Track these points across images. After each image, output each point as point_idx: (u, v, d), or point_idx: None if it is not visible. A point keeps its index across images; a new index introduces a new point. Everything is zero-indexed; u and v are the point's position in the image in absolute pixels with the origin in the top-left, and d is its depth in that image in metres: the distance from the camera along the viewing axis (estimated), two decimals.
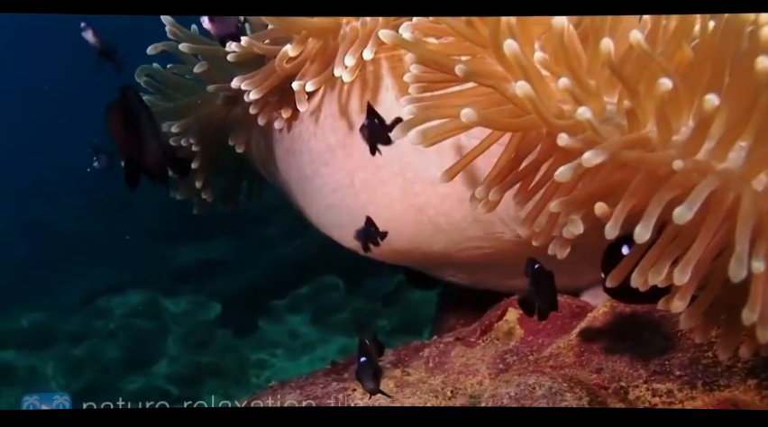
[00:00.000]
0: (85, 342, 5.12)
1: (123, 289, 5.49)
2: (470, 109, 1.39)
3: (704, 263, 1.31)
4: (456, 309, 2.32)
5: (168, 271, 5.88)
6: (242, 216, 4.03)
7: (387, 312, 5.05)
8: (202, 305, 5.35)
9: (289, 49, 1.86)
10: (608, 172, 1.36)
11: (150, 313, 5.26)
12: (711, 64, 1.36)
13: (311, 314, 5.15)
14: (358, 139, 1.87)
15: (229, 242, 5.91)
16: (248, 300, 5.21)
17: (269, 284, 5.30)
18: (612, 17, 1.45)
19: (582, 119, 1.30)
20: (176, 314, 5.30)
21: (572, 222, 1.37)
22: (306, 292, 5.19)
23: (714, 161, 1.32)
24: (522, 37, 1.49)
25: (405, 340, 4.66)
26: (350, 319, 5.03)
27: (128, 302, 5.39)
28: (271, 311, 5.18)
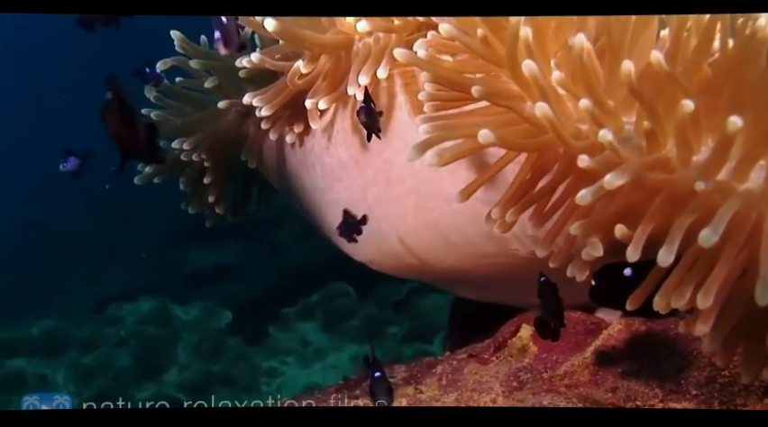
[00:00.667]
0: (96, 350, 5.12)
1: (133, 296, 5.48)
2: (487, 130, 1.37)
3: (727, 285, 1.29)
4: (469, 324, 2.30)
5: (178, 277, 5.88)
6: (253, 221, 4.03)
7: (398, 319, 5.04)
8: (213, 313, 5.34)
9: (301, 65, 1.85)
10: (627, 193, 1.34)
11: (160, 320, 5.25)
12: (730, 83, 1.34)
13: (322, 322, 5.13)
14: (371, 155, 1.87)
15: (240, 248, 5.91)
16: (259, 307, 5.20)
17: (279, 291, 5.29)
18: (631, 34, 1.43)
19: (605, 141, 1.28)
20: (186, 322, 5.29)
21: (592, 245, 1.35)
22: (316, 299, 5.18)
23: (735, 182, 1.30)
24: (539, 55, 1.47)
25: (416, 348, 4.69)
26: (361, 326, 5.02)
27: (139, 309, 5.39)
28: (282, 318, 5.16)
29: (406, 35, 1.77)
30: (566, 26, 1.52)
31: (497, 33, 1.50)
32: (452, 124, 1.52)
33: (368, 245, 2.01)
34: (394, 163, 1.86)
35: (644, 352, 1.71)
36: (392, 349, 4.82)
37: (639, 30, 1.46)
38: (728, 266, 1.28)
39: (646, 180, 1.30)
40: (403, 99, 1.83)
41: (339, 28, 1.84)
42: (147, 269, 5.87)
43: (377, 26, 1.77)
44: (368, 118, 1.72)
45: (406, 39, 1.78)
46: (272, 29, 1.80)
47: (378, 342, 4.89)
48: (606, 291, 1.47)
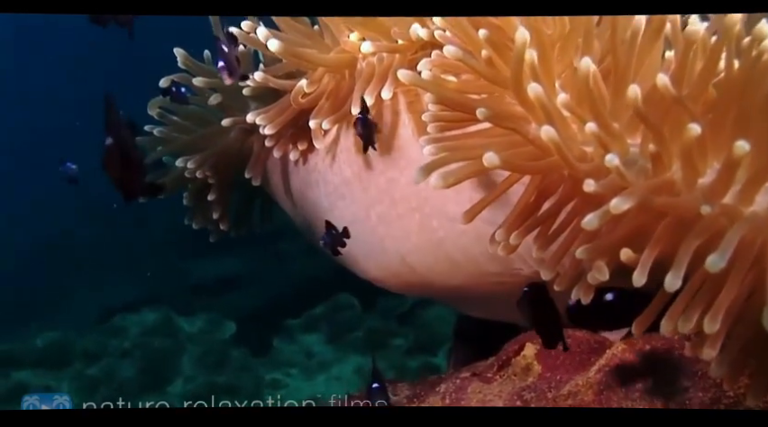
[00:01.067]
0: (100, 361, 5.11)
1: (138, 307, 5.48)
2: (492, 153, 1.37)
3: (734, 309, 1.29)
4: (473, 340, 2.29)
5: (183, 288, 5.87)
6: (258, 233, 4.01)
7: (402, 331, 5.02)
8: (217, 324, 5.33)
9: (304, 85, 1.85)
10: (633, 216, 1.33)
11: (165, 331, 5.25)
12: (736, 104, 1.34)
13: (326, 333, 5.12)
14: (375, 173, 1.87)
15: (244, 259, 5.90)
16: (263, 319, 5.20)
17: (283, 302, 5.29)
18: (636, 55, 1.42)
19: (611, 166, 1.28)
20: (191, 334, 5.28)
21: (598, 269, 1.34)
22: (321, 311, 5.17)
23: (741, 205, 1.29)
24: (543, 77, 1.47)
25: (420, 361, 4.67)
26: (365, 338, 5.01)
27: (143, 320, 5.38)
28: (286, 330, 5.15)
29: (409, 55, 1.76)
30: (571, 46, 1.51)
31: (501, 54, 1.50)
32: (457, 146, 1.51)
33: (372, 263, 2.01)
34: (398, 182, 1.85)
35: (649, 372, 1.70)
36: (397, 362, 4.81)
37: (644, 51, 1.46)
38: (735, 290, 1.28)
39: (653, 204, 1.29)
40: (407, 118, 1.83)
41: (342, 47, 1.84)
42: (152, 280, 5.86)
43: (381, 47, 1.77)
44: (364, 130, 1.73)
45: (410, 58, 1.77)
46: (275, 49, 1.80)
47: (382, 354, 4.88)
48: (584, 313, 1.47)
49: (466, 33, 1.55)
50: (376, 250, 1.95)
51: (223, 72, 1.83)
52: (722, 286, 1.27)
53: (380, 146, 1.84)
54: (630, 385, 1.70)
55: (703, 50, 1.39)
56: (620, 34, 1.42)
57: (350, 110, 1.80)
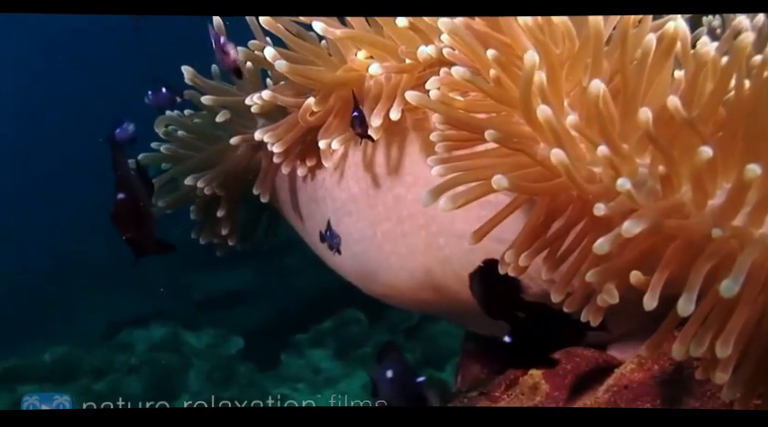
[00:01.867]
0: (107, 377, 5.11)
1: (145, 322, 5.48)
2: (500, 176, 1.37)
3: (745, 333, 1.28)
4: (481, 355, 2.28)
5: (190, 303, 5.87)
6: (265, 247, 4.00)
7: (409, 345, 5.01)
8: (224, 339, 5.33)
9: (312, 103, 1.85)
10: (643, 239, 1.32)
11: (172, 347, 5.24)
12: (746, 125, 1.33)
13: (333, 349, 5.12)
14: (382, 190, 1.86)
15: (252, 273, 5.90)
16: (271, 333, 5.19)
17: (291, 317, 5.28)
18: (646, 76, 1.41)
19: (623, 190, 1.28)
20: (198, 349, 5.27)
21: (608, 292, 1.34)
22: (328, 326, 5.16)
23: (751, 227, 1.28)
24: (552, 97, 1.46)
25: (428, 374, 4.65)
26: (373, 353, 5.00)
27: (150, 336, 5.38)
28: (294, 345, 5.14)
29: (417, 73, 1.76)
30: (580, 65, 1.50)
31: (509, 73, 1.49)
32: (466, 166, 1.51)
33: (378, 280, 2.01)
34: (405, 199, 1.85)
35: (658, 392, 1.69)
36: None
37: (654, 71, 1.45)
38: (746, 313, 1.27)
39: (664, 227, 1.29)
40: (414, 136, 1.82)
41: (350, 65, 1.83)
42: (159, 295, 5.86)
43: (388, 68, 1.76)
44: (361, 127, 1.72)
45: (419, 75, 1.77)
46: (282, 69, 1.80)
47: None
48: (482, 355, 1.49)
49: (474, 52, 1.54)
50: (382, 267, 1.95)
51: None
52: (733, 310, 1.27)
53: (388, 163, 1.84)
54: (639, 405, 1.68)
55: (713, 71, 1.38)
56: (630, 54, 1.41)
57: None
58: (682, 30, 1.43)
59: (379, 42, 1.80)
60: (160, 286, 5.75)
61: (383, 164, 1.87)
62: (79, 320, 6.06)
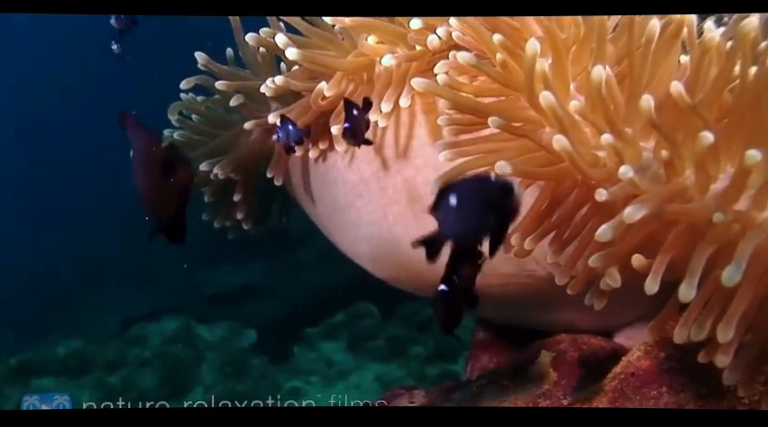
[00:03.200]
0: (120, 370, 5.14)
1: (158, 316, 5.50)
2: (503, 162, 1.38)
3: (747, 317, 1.29)
4: (490, 345, 2.29)
5: (203, 297, 5.90)
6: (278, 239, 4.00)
7: (422, 338, 5.02)
8: (237, 332, 5.35)
9: (324, 88, 1.86)
10: (646, 223, 1.33)
11: (184, 340, 5.27)
12: (751, 110, 1.33)
13: (346, 341, 5.13)
14: (392, 172, 1.88)
15: (264, 267, 5.92)
16: (283, 327, 5.21)
17: (303, 310, 5.30)
18: (652, 61, 1.42)
19: (625, 178, 1.29)
20: (211, 342, 5.30)
21: (610, 275, 1.36)
22: (340, 319, 5.17)
23: (754, 211, 1.29)
24: (557, 80, 1.47)
25: (440, 368, 4.66)
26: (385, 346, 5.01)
27: (163, 329, 5.41)
28: (306, 338, 5.16)
29: (428, 58, 1.76)
30: (586, 49, 1.51)
31: (516, 57, 1.50)
32: (472, 151, 1.52)
33: (387, 262, 2.01)
34: (414, 181, 1.85)
35: (664, 379, 1.69)
36: (416, 369, 4.80)
37: (661, 56, 1.46)
38: (748, 297, 1.28)
39: (665, 212, 1.30)
40: (423, 119, 1.83)
41: (360, 50, 1.85)
42: (172, 289, 5.89)
43: (399, 58, 1.77)
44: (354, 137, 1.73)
45: (428, 60, 1.77)
46: (293, 57, 1.82)
47: (401, 362, 4.87)
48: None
49: (481, 36, 1.56)
50: (393, 249, 1.95)
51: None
52: (735, 294, 1.27)
53: (397, 146, 1.85)
54: (645, 392, 1.69)
55: (718, 57, 1.39)
56: (636, 39, 1.42)
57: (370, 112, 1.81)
58: (690, 16, 1.44)
59: (389, 29, 1.81)
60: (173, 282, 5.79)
61: (393, 147, 1.87)
62: (93, 314, 6.10)
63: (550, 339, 1.93)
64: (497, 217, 1.25)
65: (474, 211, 1.24)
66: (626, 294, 1.40)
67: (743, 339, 1.31)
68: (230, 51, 2.28)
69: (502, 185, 1.23)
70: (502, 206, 1.24)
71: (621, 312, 1.81)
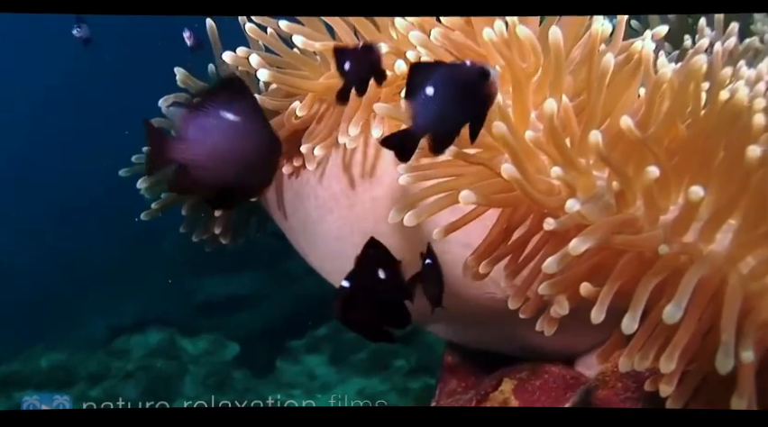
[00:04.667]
0: (103, 382, 5.14)
1: (143, 326, 5.50)
2: (467, 191, 1.41)
3: (690, 347, 1.31)
4: (458, 369, 2.30)
5: (189, 307, 5.91)
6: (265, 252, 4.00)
7: (404, 352, 5.03)
8: (220, 345, 5.36)
9: (297, 107, 1.89)
10: (595, 252, 1.36)
11: (168, 353, 5.28)
12: (701, 145, 1.37)
13: (329, 355, 5.14)
14: (360, 191, 1.90)
15: (251, 278, 5.93)
16: (267, 339, 5.22)
17: (287, 323, 5.31)
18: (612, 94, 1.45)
19: (571, 212, 1.31)
20: (194, 355, 5.31)
21: (559, 303, 1.38)
22: (324, 332, 5.19)
23: (702, 243, 1.32)
24: (517, 109, 1.50)
25: (421, 382, 4.66)
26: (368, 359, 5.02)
27: (147, 342, 5.42)
28: (289, 351, 5.18)
29: (398, 82, 1.79)
30: (548, 79, 1.54)
31: None
32: (431, 175, 1.55)
33: None
34: (381, 201, 1.87)
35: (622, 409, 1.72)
36: (398, 383, 4.82)
37: (619, 89, 1.49)
38: (692, 328, 1.30)
39: (612, 242, 1.33)
40: None
41: (332, 72, 1.87)
42: (158, 299, 5.90)
43: None
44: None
45: (399, 84, 1.80)
46: (264, 78, 1.85)
47: (384, 376, 4.88)
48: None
49: None
50: None
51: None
52: (679, 325, 1.29)
53: (367, 166, 1.88)
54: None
55: (671, 91, 1.42)
56: (596, 71, 1.45)
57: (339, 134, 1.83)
58: (647, 50, 1.47)
59: None
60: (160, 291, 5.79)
61: (363, 166, 1.90)
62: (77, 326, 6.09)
63: (512, 367, 1.95)
64: (474, 104, 1.23)
65: (451, 100, 1.23)
66: (586, 321, 1.41)
67: (686, 368, 1.33)
68: (211, 67, 2.32)
69: (478, 70, 1.21)
70: (479, 93, 1.23)
71: (582, 338, 1.83)
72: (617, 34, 1.64)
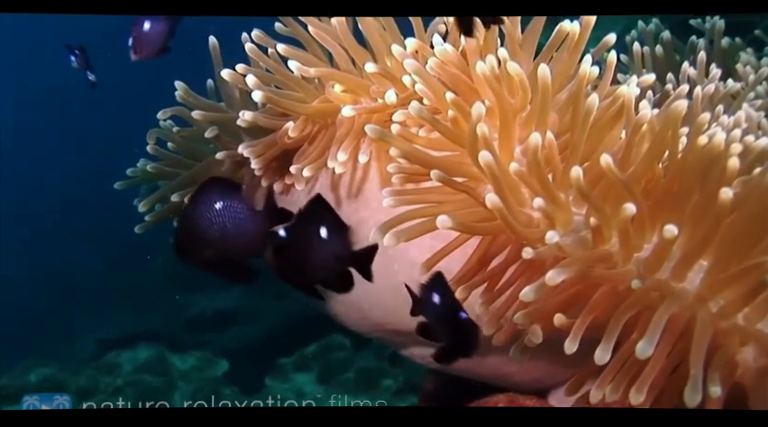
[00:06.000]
0: (92, 398, 5.12)
1: (133, 342, 5.48)
2: (445, 216, 1.45)
3: (659, 382, 1.36)
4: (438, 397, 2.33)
5: (177, 323, 5.89)
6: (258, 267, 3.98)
7: (393, 372, 5.04)
8: (209, 362, 5.35)
9: (290, 128, 1.92)
10: (571, 284, 1.40)
11: (157, 369, 5.26)
12: (678, 186, 1.42)
13: (317, 373, 5.14)
14: (347, 212, 1.93)
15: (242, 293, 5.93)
16: (255, 356, 5.22)
17: (276, 340, 5.31)
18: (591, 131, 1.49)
19: (550, 243, 1.36)
20: (183, 371, 5.30)
21: (533, 332, 1.42)
22: (313, 350, 5.20)
23: (673, 281, 1.37)
24: (503, 142, 1.55)
25: (409, 401, 4.66)
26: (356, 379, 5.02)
27: (136, 357, 5.40)
28: (278, 368, 5.18)
29: (389, 110, 1.83)
30: (534, 115, 1.58)
31: (465, 116, 1.57)
32: (414, 200, 1.59)
33: (337, 299, 2.05)
34: (367, 223, 1.89)
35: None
36: (387, 402, 4.81)
37: (603, 129, 1.54)
38: (661, 362, 1.35)
39: (588, 276, 1.37)
40: (380, 165, 1.88)
41: (326, 96, 1.91)
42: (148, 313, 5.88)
43: (360, 109, 1.83)
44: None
45: (390, 112, 1.84)
46: (259, 98, 1.88)
47: (372, 395, 4.88)
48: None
49: (435, 92, 1.64)
50: None
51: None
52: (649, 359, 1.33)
53: (355, 188, 1.91)
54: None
55: (650, 133, 1.47)
56: (580, 111, 1.49)
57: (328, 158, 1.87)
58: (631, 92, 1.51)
59: (353, 81, 1.88)
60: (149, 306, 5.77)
61: (350, 188, 1.93)
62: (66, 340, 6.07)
63: (487, 398, 1.93)
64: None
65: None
66: (556, 353, 1.45)
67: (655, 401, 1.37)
68: (210, 83, 2.35)
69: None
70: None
71: (554, 371, 1.86)
72: (605, 77, 1.68)
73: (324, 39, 1.92)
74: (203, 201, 1.92)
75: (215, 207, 1.90)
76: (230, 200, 1.93)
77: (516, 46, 1.69)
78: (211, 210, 1.89)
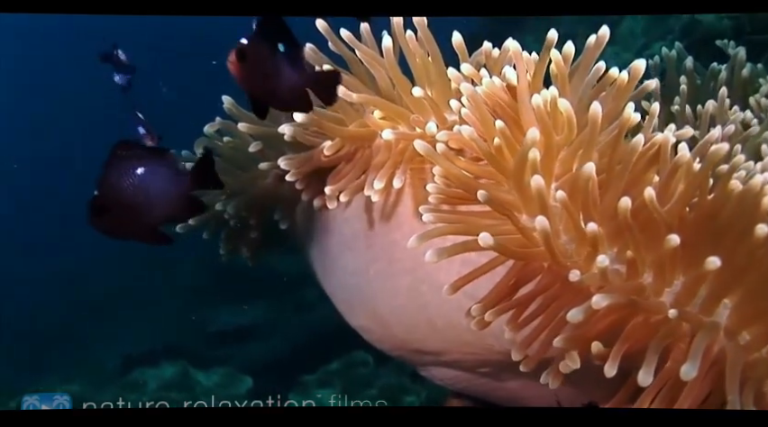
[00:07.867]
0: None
1: (158, 358, 5.49)
2: (487, 234, 1.49)
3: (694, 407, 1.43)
4: None
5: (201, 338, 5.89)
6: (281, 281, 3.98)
7: (414, 388, 5.04)
8: (233, 379, 5.36)
9: (326, 147, 1.97)
10: (610, 312, 1.45)
11: (182, 386, 5.27)
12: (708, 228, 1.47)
13: (340, 390, 5.15)
14: (380, 233, 1.98)
15: (266, 307, 5.94)
16: (279, 372, 5.23)
17: (300, 356, 5.32)
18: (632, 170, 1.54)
19: (601, 266, 1.41)
20: (207, 388, 5.31)
21: (571, 358, 1.47)
22: (336, 367, 5.21)
23: (703, 314, 1.43)
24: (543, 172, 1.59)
25: None
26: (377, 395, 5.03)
27: (161, 374, 5.41)
28: (302, 385, 5.18)
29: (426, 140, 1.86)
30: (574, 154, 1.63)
31: (510, 146, 1.62)
32: (455, 220, 1.64)
33: (363, 312, 2.11)
34: (399, 244, 1.94)
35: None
36: None
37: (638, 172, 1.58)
38: (696, 390, 1.42)
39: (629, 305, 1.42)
40: (416, 192, 1.93)
41: (364, 121, 1.96)
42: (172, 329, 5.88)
43: (400, 135, 1.88)
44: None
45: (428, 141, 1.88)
46: (300, 119, 1.93)
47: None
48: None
49: (483, 119, 1.68)
50: (366, 302, 2.06)
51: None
52: (683, 386, 1.41)
53: (390, 211, 1.97)
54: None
55: (686, 174, 1.51)
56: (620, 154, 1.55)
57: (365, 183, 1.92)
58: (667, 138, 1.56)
59: (393, 109, 1.93)
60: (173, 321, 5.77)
61: (383, 211, 1.99)
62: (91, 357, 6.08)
63: None
64: None
65: None
66: (578, 379, 1.53)
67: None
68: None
69: None
70: None
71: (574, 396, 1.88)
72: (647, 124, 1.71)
73: (371, 65, 1.98)
74: (123, 166, 1.78)
75: (137, 172, 1.76)
76: (150, 163, 1.80)
77: (566, 84, 1.73)
78: (133, 175, 1.75)
